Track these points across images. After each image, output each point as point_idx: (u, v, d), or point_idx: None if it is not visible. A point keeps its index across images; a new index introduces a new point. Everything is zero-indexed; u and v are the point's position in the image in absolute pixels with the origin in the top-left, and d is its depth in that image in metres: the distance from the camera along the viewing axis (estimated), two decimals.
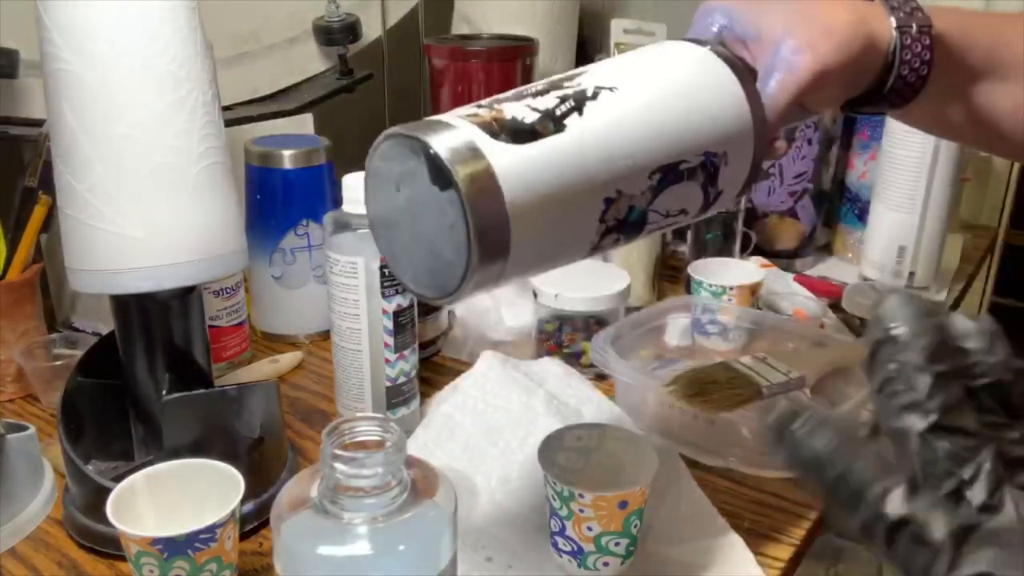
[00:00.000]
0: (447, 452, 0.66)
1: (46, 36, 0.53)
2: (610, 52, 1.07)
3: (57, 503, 0.63)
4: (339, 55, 1.10)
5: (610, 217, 0.43)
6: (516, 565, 0.57)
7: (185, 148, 0.55)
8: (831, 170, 1.10)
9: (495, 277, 0.40)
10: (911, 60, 0.51)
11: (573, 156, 0.41)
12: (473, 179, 0.38)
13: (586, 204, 0.42)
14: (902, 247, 1.00)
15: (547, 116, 0.41)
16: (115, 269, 0.55)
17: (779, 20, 0.50)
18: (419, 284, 0.42)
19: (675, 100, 0.45)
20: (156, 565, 0.50)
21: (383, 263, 0.65)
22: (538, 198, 0.40)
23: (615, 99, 0.43)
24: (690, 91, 0.46)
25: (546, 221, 0.41)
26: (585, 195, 0.42)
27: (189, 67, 0.55)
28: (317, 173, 0.85)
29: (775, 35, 0.50)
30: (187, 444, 0.58)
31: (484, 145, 0.39)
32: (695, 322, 0.86)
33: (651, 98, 0.44)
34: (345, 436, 0.42)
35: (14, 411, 0.76)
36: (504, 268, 0.40)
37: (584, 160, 0.41)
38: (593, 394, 0.73)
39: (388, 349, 0.68)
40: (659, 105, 0.44)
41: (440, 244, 0.39)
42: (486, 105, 0.42)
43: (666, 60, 0.47)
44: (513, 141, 0.39)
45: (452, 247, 0.39)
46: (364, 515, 0.40)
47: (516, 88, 0.44)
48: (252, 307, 0.89)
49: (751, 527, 0.62)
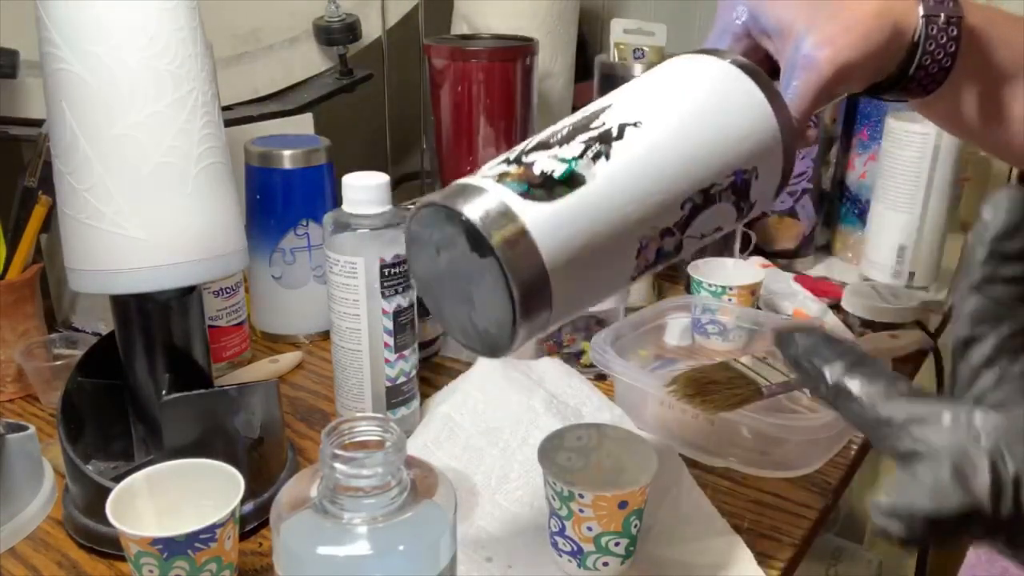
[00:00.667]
0: (447, 452, 0.66)
1: (46, 36, 0.53)
2: (610, 52, 1.07)
3: (57, 503, 0.63)
4: (339, 55, 1.10)
5: (647, 252, 0.44)
6: (516, 565, 0.57)
7: (185, 148, 0.55)
8: (831, 170, 1.10)
9: (542, 326, 0.41)
10: (935, 51, 0.50)
11: (604, 203, 0.41)
12: (509, 243, 0.39)
13: (622, 246, 0.43)
14: (902, 247, 1.00)
15: (575, 166, 0.42)
16: (115, 269, 0.55)
17: (801, 12, 0.49)
18: (469, 340, 0.43)
19: (701, 126, 0.45)
20: (156, 565, 0.50)
21: (383, 263, 0.65)
22: (575, 250, 0.40)
23: (641, 136, 0.43)
24: (715, 113, 0.45)
25: (585, 268, 0.41)
26: (620, 238, 0.42)
27: (189, 67, 0.55)
28: (317, 173, 0.85)
29: (798, 29, 0.49)
30: (187, 444, 0.58)
31: (516, 206, 0.39)
32: (695, 322, 0.86)
33: (677, 128, 0.44)
34: (345, 436, 0.42)
35: (14, 411, 0.76)
36: (549, 317, 0.41)
37: (616, 205, 0.42)
38: (593, 394, 0.73)
39: (388, 349, 0.68)
40: (685, 134, 0.44)
41: (485, 304, 0.41)
42: (514, 160, 0.42)
43: (688, 81, 0.47)
44: (544, 197, 0.40)
45: (497, 307, 0.40)
46: (364, 515, 0.40)
47: (543, 133, 0.45)
48: (252, 307, 0.89)
49: (751, 527, 0.62)
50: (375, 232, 0.65)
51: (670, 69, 0.48)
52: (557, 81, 1.19)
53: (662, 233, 0.44)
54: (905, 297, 0.92)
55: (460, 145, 1.01)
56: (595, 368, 0.80)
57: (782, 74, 0.50)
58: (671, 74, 0.47)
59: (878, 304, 0.91)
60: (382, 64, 1.20)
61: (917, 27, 0.49)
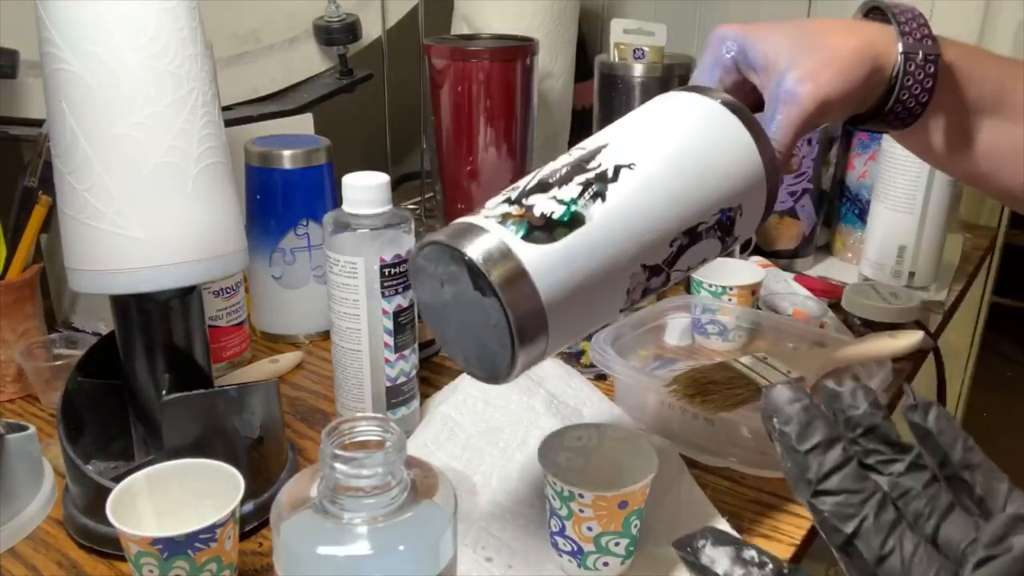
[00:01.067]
0: (447, 452, 0.66)
1: (46, 36, 0.53)
2: (610, 52, 1.07)
3: (57, 503, 0.63)
4: (339, 55, 1.10)
5: (636, 286, 0.47)
6: (516, 565, 0.57)
7: (185, 148, 0.55)
8: (831, 170, 1.10)
9: (539, 356, 0.44)
10: (912, 86, 0.52)
11: (599, 244, 0.44)
12: (509, 281, 0.41)
13: (614, 283, 0.46)
14: (902, 247, 1.00)
15: (574, 208, 0.44)
16: (115, 269, 0.55)
17: (785, 48, 0.51)
18: (470, 366, 0.47)
19: (690, 167, 0.47)
20: (156, 565, 0.50)
21: (383, 263, 0.65)
22: (571, 288, 0.43)
23: (634, 178, 0.46)
24: (703, 153, 0.48)
25: (579, 304, 0.44)
26: (613, 276, 0.45)
27: (189, 67, 0.55)
28: (317, 173, 0.85)
29: (781, 64, 0.51)
30: (187, 444, 0.58)
31: (516, 247, 0.42)
32: (695, 322, 0.86)
33: (667, 169, 0.47)
34: (345, 436, 0.42)
35: (14, 411, 0.76)
36: (545, 347, 0.44)
37: (609, 245, 0.45)
38: (593, 394, 0.73)
39: (388, 349, 0.68)
40: (675, 174, 0.47)
41: (486, 336, 0.43)
42: (515, 200, 0.45)
43: (679, 120, 0.49)
44: (544, 240, 0.43)
45: (497, 340, 0.43)
46: (364, 515, 0.40)
47: (543, 170, 0.47)
48: (252, 307, 0.89)
49: (751, 527, 0.62)
50: (375, 232, 0.66)
51: (663, 107, 0.51)
52: (557, 81, 1.19)
53: (652, 270, 0.47)
54: (905, 297, 0.92)
55: (460, 145, 1.01)
56: (595, 368, 0.80)
57: (766, 108, 0.52)
58: (664, 113, 0.50)
59: (878, 304, 0.91)
60: (382, 64, 1.20)
61: (896, 64, 0.52)
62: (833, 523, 0.28)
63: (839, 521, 0.28)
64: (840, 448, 0.29)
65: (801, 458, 0.29)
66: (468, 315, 0.44)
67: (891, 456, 0.29)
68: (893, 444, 0.29)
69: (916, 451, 0.29)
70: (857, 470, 0.29)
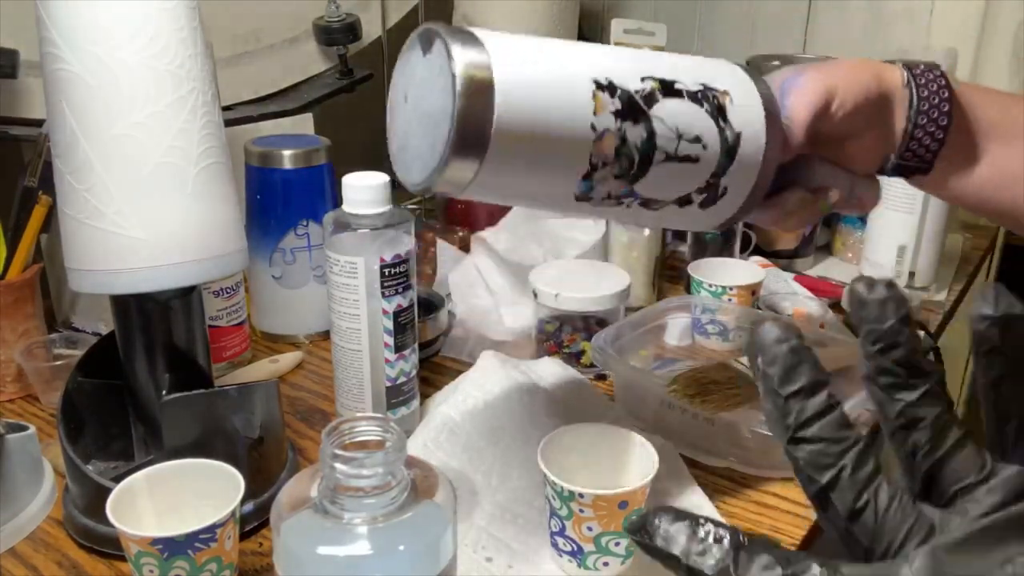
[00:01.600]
0: (447, 452, 0.66)
1: (46, 36, 0.53)
2: None
3: (57, 503, 0.63)
4: (339, 55, 1.10)
5: (606, 104, 0.44)
6: (516, 565, 0.57)
7: (185, 148, 0.55)
8: None
9: (465, 177, 0.43)
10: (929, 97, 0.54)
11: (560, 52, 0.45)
12: (473, 81, 0.41)
13: (575, 91, 0.44)
14: (902, 247, 1.00)
15: None
16: (115, 269, 0.55)
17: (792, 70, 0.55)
18: (400, 165, 0.46)
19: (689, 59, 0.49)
20: (156, 565, 0.50)
21: (383, 263, 0.65)
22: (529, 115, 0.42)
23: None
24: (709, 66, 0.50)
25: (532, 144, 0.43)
26: (571, 81, 0.44)
27: (189, 67, 0.55)
28: (317, 173, 0.85)
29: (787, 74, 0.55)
30: (187, 444, 0.58)
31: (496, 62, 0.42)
32: (695, 322, 0.86)
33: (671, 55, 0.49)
34: (345, 436, 0.42)
35: (14, 411, 0.76)
36: (477, 171, 0.42)
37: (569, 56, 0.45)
38: (593, 394, 0.73)
39: (388, 349, 0.68)
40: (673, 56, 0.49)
41: (426, 133, 0.43)
42: None
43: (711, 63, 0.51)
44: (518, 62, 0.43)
45: (433, 140, 0.42)
46: (364, 515, 0.40)
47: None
48: (252, 307, 0.89)
49: (751, 527, 0.62)
50: (375, 232, 0.66)
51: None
52: None
53: (620, 91, 0.45)
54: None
55: None
56: (595, 368, 0.80)
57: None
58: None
59: None
60: (382, 64, 1.20)
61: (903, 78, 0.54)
62: (808, 472, 0.28)
63: (814, 471, 0.28)
64: (824, 395, 0.28)
65: (782, 402, 0.28)
66: (423, 105, 0.43)
67: (905, 381, 0.28)
68: (911, 367, 0.28)
69: (935, 377, 0.28)
70: (839, 418, 0.28)
